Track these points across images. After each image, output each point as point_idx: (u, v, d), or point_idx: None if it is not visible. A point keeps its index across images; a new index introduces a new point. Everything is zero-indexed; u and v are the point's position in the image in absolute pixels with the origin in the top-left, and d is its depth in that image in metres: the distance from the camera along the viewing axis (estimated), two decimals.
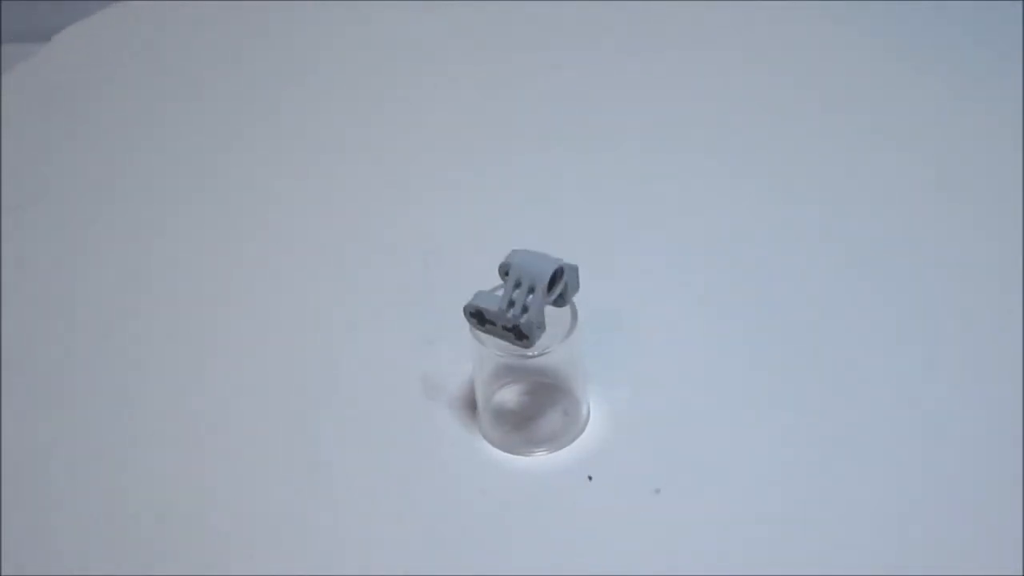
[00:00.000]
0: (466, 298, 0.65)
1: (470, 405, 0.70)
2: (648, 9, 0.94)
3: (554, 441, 0.68)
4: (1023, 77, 0.86)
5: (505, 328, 0.64)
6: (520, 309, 0.64)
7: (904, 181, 0.81)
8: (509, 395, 0.70)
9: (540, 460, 0.68)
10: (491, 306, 0.64)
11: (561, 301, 0.65)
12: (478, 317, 0.65)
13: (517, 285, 0.64)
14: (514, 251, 0.65)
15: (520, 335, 0.64)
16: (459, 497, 0.66)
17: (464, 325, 0.66)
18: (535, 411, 0.69)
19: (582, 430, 0.69)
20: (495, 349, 0.65)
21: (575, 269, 0.65)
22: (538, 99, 0.89)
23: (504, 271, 0.65)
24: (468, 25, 0.94)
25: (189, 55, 0.94)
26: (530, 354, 0.65)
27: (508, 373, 0.69)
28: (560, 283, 0.65)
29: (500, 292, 0.64)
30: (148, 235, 0.81)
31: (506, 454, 0.68)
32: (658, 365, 0.72)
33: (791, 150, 0.84)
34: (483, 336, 0.65)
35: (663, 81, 0.89)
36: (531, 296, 0.64)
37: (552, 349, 0.65)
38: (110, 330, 0.75)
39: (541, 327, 0.64)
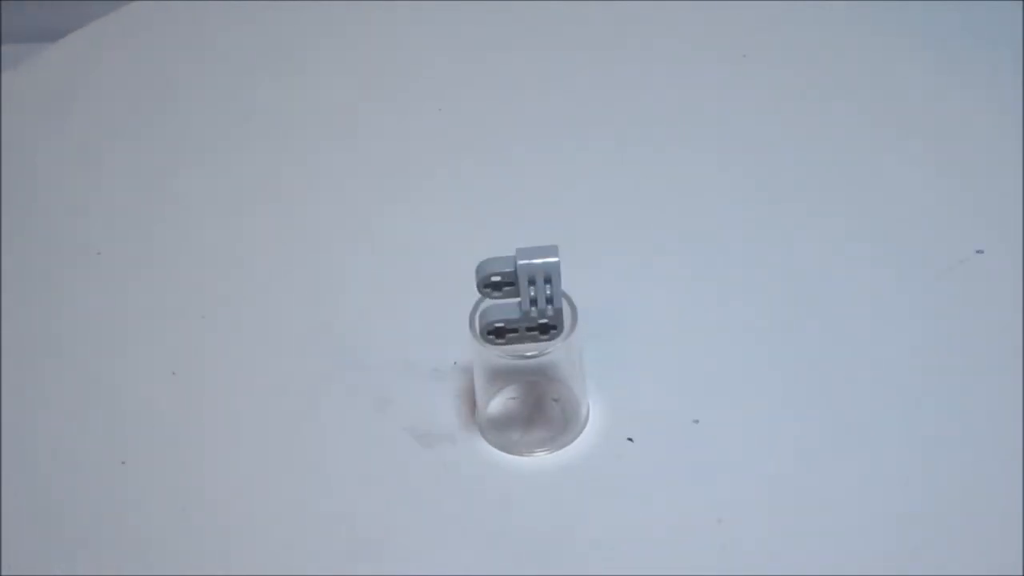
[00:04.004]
0: (461, 295, 0.65)
1: (470, 405, 0.70)
2: (638, 8, 0.94)
3: (554, 441, 0.68)
4: (1023, 76, 0.86)
5: (529, 329, 0.64)
6: (544, 302, 0.64)
7: (903, 177, 0.81)
8: (509, 395, 0.70)
9: (540, 460, 0.68)
10: (511, 315, 0.64)
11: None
12: (497, 333, 0.64)
13: (531, 283, 0.64)
14: (495, 259, 0.65)
15: (548, 328, 0.64)
16: (459, 497, 0.67)
17: (463, 325, 0.66)
18: (535, 411, 0.69)
19: (582, 430, 0.69)
20: (495, 350, 0.65)
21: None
22: (528, 96, 0.88)
23: (496, 283, 0.64)
24: (461, 24, 0.94)
25: (198, 58, 0.94)
26: (530, 354, 0.65)
27: (508, 373, 0.69)
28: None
29: (502, 302, 0.64)
30: (150, 235, 0.81)
31: (506, 454, 0.68)
32: (658, 364, 0.72)
33: (791, 145, 0.84)
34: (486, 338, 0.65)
35: (659, 77, 0.89)
36: (548, 286, 0.64)
37: (552, 349, 0.65)
38: (109, 333, 0.76)
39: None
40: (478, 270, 0.64)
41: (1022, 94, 0.84)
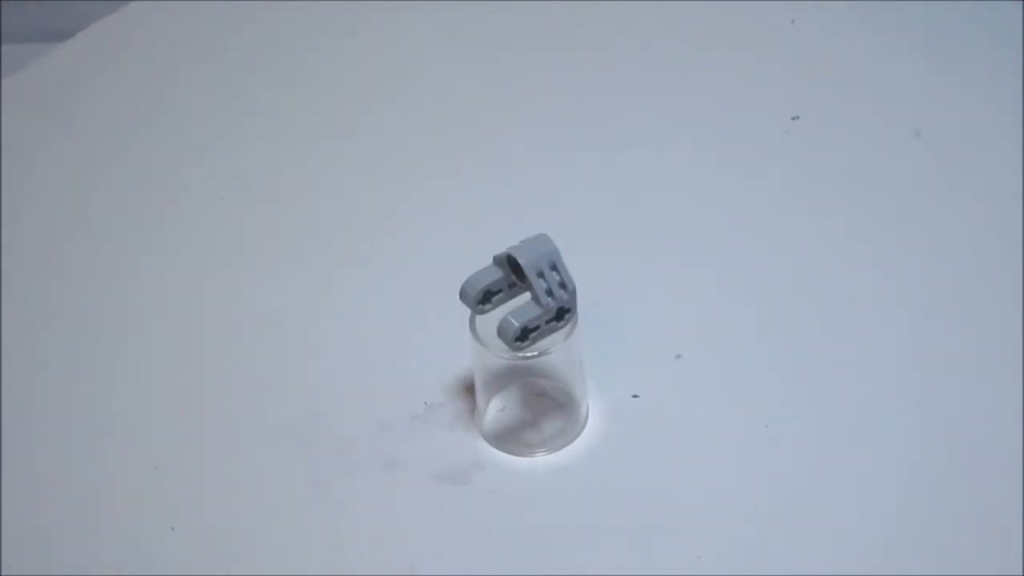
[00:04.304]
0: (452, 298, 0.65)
1: (470, 405, 0.70)
2: (638, 8, 0.94)
3: (554, 441, 0.68)
4: (1023, 77, 0.86)
5: (548, 321, 0.64)
6: (559, 288, 0.64)
7: (903, 177, 0.81)
8: (509, 395, 0.70)
9: (540, 460, 0.68)
10: (532, 313, 0.64)
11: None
12: (523, 335, 0.64)
13: (540, 274, 0.64)
14: (478, 274, 0.65)
15: (563, 313, 0.64)
16: (459, 497, 0.67)
17: (462, 325, 0.66)
18: (535, 411, 0.69)
19: (582, 430, 0.69)
20: (495, 350, 0.65)
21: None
22: (528, 96, 0.88)
23: (486, 296, 0.64)
24: (463, 24, 0.95)
25: (199, 58, 0.94)
26: (530, 354, 0.65)
27: (508, 373, 0.69)
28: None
29: (515, 303, 0.64)
30: (151, 240, 0.81)
31: (506, 454, 0.68)
32: (658, 364, 0.72)
33: (791, 145, 0.84)
34: (484, 336, 0.65)
35: (659, 77, 0.89)
36: (556, 273, 0.64)
37: (552, 349, 0.65)
38: (111, 334, 0.76)
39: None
40: (467, 290, 0.64)
41: (1022, 94, 0.84)
